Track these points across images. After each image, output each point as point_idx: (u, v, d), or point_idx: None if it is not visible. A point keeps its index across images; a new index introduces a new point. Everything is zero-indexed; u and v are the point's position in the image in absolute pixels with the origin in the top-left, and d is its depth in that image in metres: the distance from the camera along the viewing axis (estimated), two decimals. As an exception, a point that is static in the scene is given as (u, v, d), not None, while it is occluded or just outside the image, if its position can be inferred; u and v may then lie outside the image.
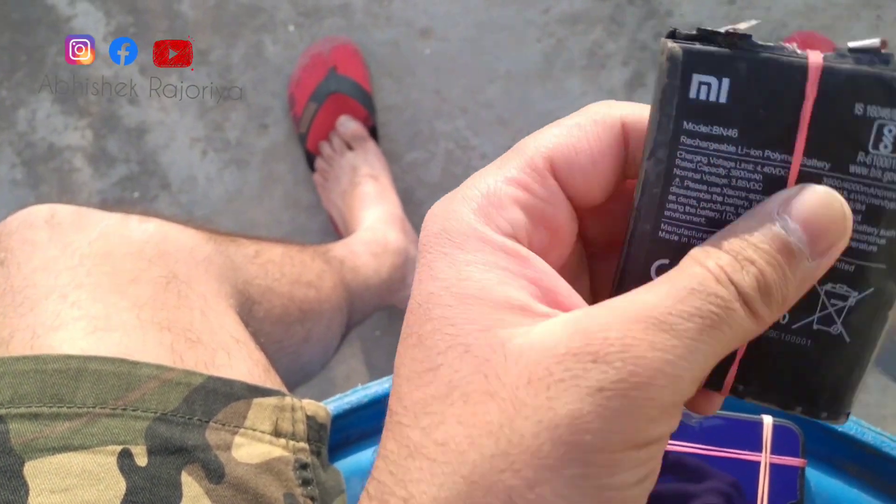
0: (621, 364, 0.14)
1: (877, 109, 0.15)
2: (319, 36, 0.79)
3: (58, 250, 0.32)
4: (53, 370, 0.27)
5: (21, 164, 0.81)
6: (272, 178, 0.79)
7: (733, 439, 0.37)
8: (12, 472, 0.25)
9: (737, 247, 0.15)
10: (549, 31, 0.78)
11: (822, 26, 0.77)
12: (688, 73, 0.15)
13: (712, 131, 0.15)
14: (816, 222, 0.15)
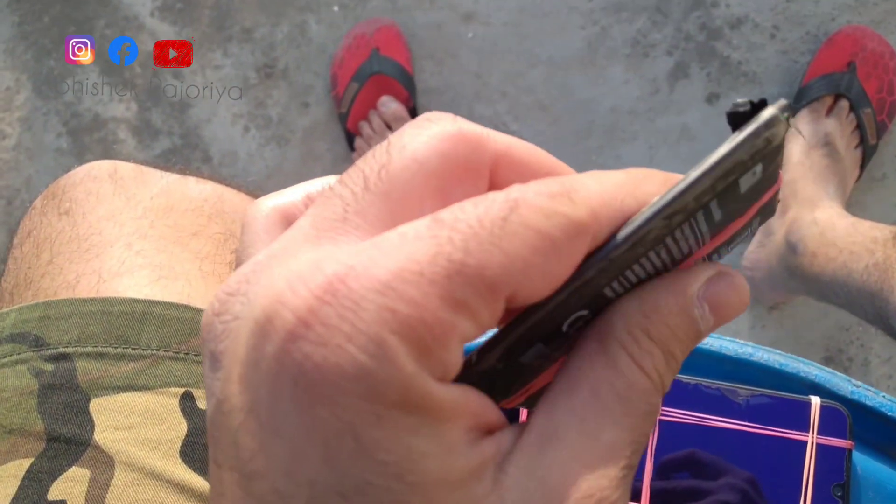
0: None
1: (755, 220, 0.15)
2: (363, 17, 0.80)
3: (122, 202, 0.33)
4: (119, 312, 0.27)
5: (67, 134, 0.83)
6: (312, 156, 0.80)
7: (780, 418, 0.37)
8: (79, 407, 0.25)
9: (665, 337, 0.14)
10: (593, 18, 0.78)
11: (872, 21, 0.76)
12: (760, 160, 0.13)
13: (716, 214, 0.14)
14: (727, 314, 0.14)
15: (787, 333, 0.76)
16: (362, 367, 0.11)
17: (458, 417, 0.12)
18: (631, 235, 0.13)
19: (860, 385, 0.38)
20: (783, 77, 0.77)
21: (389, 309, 0.11)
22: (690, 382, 0.37)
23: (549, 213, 0.12)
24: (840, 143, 0.72)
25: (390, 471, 0.11)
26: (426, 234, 0.12)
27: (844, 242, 0.60)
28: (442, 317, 0.12)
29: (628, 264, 0.14)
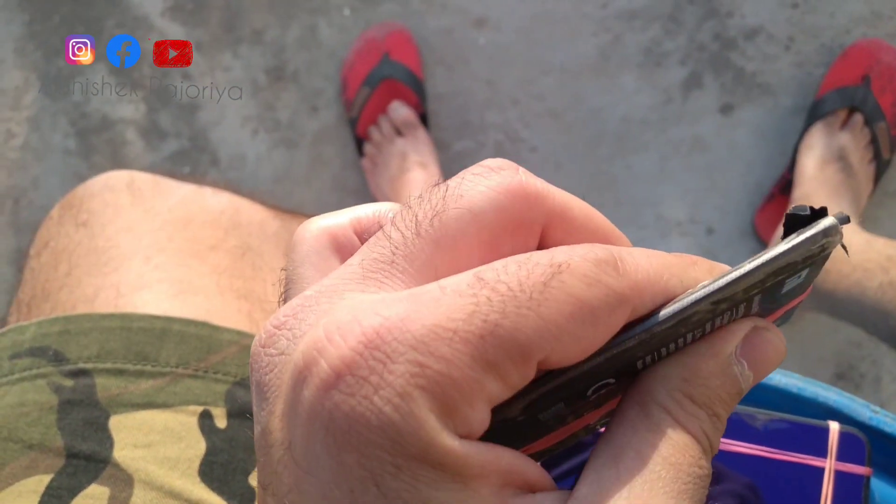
0: None
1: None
2: (374, 21, 0.79)
3: (139, 214, 0.33)
4: (139, 328, 0.27)
5: (75, 134, 0.83)
6: (321, 160, 0.80)
7: (797, 443, 0.36)
8: (98, 424, 0.25)
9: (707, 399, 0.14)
10: (605, 25, 0.78)
11: (888, 34, 0.75)
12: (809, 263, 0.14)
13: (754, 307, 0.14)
14: (765, 369, 0.14)
15: (798, 349, 0.75)
16: (386, 419, 0.11)
17: (486, 475, 0.12)
18: (677, 314, 0.14)
19: (879, 411, 0.37)
20: (797, 89, 0.76)
21: (419, 363, 0.12)
22: (707, 406, 0.37)
23: (591, 281, 0.12)
24: (854, 157, 0.71)
25: None
26: (466, 292, 0.12)
27: (858, 259, 0.60)
28: (471, 375, 0.12)
29: (666, 341, 0.14)
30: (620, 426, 0.14)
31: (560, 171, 0.78)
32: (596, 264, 0.13)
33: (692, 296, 0.14)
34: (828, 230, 0.13)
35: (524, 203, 0.14)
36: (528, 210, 0.14)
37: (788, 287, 0.14)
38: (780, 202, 0.74)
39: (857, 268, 0.59)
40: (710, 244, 0.76)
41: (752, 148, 0.76)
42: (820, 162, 0.71)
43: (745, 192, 0.76)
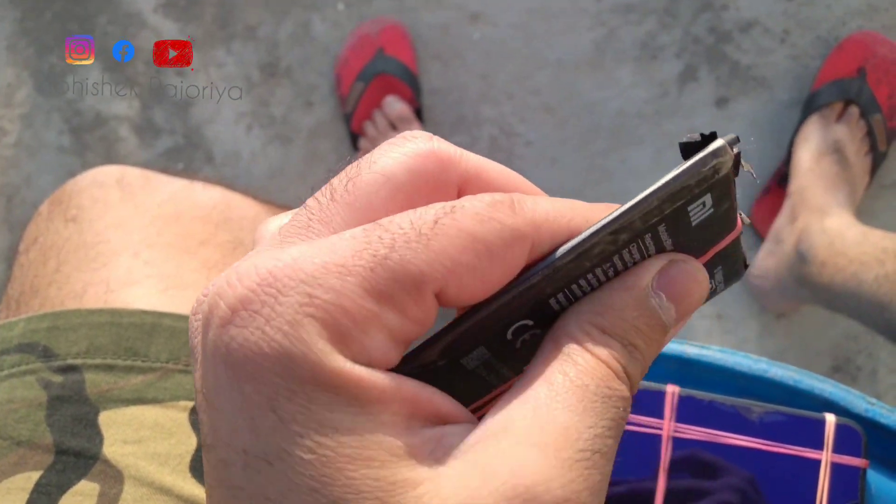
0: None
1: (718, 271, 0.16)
2: (368, 16, 0.79)
3: (129, 209, 0.32)
4: (128, 324, 0.27)
5: (69, 132, 0.82)
6: (315, 156, 0.79)
7: (794, 436, 0.36)
8: (88, 420, 0.25)
9: (621, 330, 0.14)
10: (601, 19, 0.77)
11: (883, 27, 0.75)
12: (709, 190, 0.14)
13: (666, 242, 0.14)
14: (688, 302, 0.14)
15: (795, 342, 0.75)
16: (278, 346, 0.12)
17: (385, 401, 0.13)
18: (576, 247, 0.14)
19: (875, 403, 0.37)
20: (793, 82, 0.76)
21: (309, 294, 0.12)
22: (705, 399, 0.36)
23: (483, 218, 0.13)
24: (850, 149, 0.71)
25: (304, 442, 0.12)
26: (360, 235, 0.13)
27: (854, 252, 0.60)
28: (362, 305, 0.12)
29: (573, 277, 0.14)
30: (534, 363, 0.14)
31: (555, 166, 0.78)
32: (490, 205, 0.13)
33: (590, 229, 0.14)
34: (717, 151, 0.14)
35: (437, 165, 0.14)
36: (442, 172, 0.14)
37: (698, 218, 0.14)
38: (777, 195, 0.74)
39: (854, 260, 0.59)
40: (706, 238, 0.76)
41: (747, 141, 0.76)
42: (816, 154, 0.70)
43: (741, 184, 0.76)
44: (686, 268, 0.14)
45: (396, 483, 0.12)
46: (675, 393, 0.37)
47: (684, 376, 0.39)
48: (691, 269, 0.14)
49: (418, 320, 0.13)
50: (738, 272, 0.16)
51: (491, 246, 0.13)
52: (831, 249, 0.62)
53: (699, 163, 0.14)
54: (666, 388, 0.37)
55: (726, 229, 0.15)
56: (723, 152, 0.14)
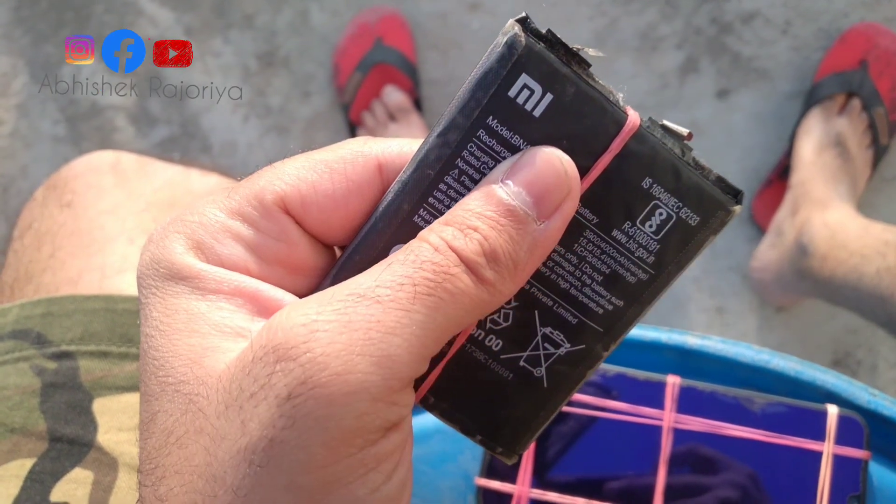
0: (307, 356, 0.13)
1: (659, 190, 0.15)
2: (367, 5, 0.78)
3: (124, 196, 0.32)
4: (123, 310, 0.27)
5: (64, 121, 0.82)
6: (313, 146, 0.79)
7: (796, 427, 0.36)
8: (82, 407, 0.25)
9: (460, 218, 0.14)
10: (601, 9, 0.77)
11: (886, 18, 0.74)
12: (518, 70, 0.14)
13: (511, 139, 0.14)
14: (538, 183, 0.14)
15: (795, 336, 0.75)
16: (150, 256, 0.16)
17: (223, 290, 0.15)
18: (415, 157, 0.15)
19: (877, 394, 0.37)
20: (795, 73, 0.75)
21: (179, 219, 0.16)
22: (706, 390, 0.36)
23: (332, 148, 0.16)
24: (852, 142, 0.71)
25: (154, 324, 0.15)
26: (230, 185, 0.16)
27: (856, 245, 0.59)
28: (214, 218, 0.16)
29: (424, 187, 0.15)
30: None
31: (556, 158, 0.77)
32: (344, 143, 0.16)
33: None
34: (506, 30, 0.14)
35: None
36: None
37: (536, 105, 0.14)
38: (778, 188, 0.74)
39: (855, 253, 0.59)
40: (706, 230, 0.76)
41: (749, 133, 0.76)
42: (817, 147, 0.70)
43: (742, 177, 0.75)
44: (535, 153, 0.14)
45: (209, 348, 0.14)
46: (676, 384, 0.36)
47: (686, 367, 0.39)
48: (543, 154, 0.14)
49: (272, 232, 0.15)
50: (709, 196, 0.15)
51: (331, 163, 0.15)
52: (832, 242, 0.62)
53: (494, 45, 0.14)
54: (667, 378, 0.36)
55: (606, 127, 0.14)
56: (509, 29, 0.14)
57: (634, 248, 0.15)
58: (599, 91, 0.15)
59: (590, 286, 0.16)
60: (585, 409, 0.36)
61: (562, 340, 0.16)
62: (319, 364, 0.13)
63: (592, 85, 0.14)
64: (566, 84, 0.14)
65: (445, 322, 0.13)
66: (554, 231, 0.14)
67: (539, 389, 0.16)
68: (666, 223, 0.15)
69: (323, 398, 0.12)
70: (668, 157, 0.15)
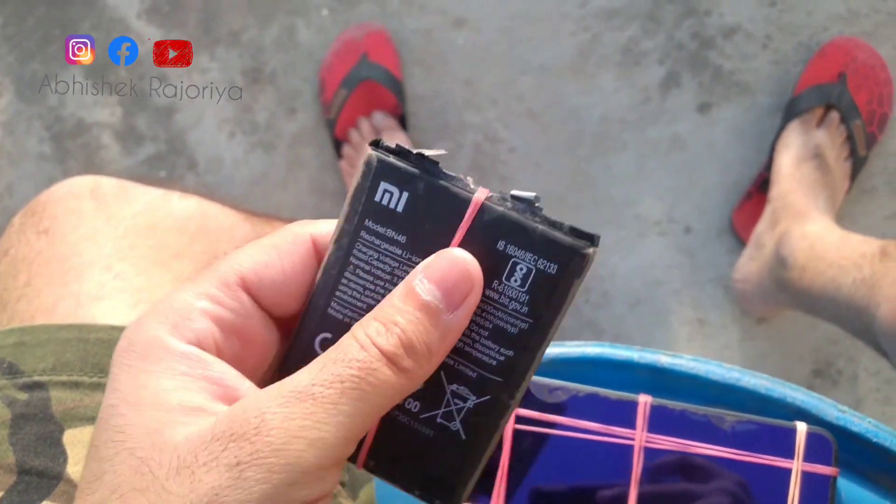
0: (256, 437, 0.16)
1: (514, 248, 0.18)
2: (353, 21, 0.79)
3: (102, 221, 0.32)
4: (96, 339, 0.27)
5: (50, 139, 0.82)
6: (298, 162, 0.79)
7: (766, 444, 0.36)
8: (52, 439, 0.25)
9: (385, 314, 0.17)
10: (584, 24, 0.78)
11: (864, 32, 0.76)
12: (377, 180, 0.18)
13: (386, 233, 0.18)
14: (447, 280, 0.17)
15: (776, 347, 0.76)
16: (129, 339, 0.18)
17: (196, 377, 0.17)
18: (322, 263, 0.18)
19: (846, 410, 0.38)
20: (774, 87, 0.76)
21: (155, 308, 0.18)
22: (677, 409, 0.36)
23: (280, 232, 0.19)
24: (830, 154, 0.71)
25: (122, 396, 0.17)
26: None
27: (834, 257, 0.60)
28: (186, 300, 0.18)
29: (331, 285, 0.18)
30: None
31: (539, 171, 0.78)
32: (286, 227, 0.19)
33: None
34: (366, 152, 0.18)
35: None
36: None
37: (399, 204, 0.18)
38: (758, 200, 0.75)
39: (833, 265, 0.59)
40: (687, 243, 0.77)
41: (729, 146, 0.76)
42: (796, 160, 0.71)
43: (722, 190, 0.76)
44: (445, 254, 0.17)
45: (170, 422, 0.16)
46: (648, 403, 0.37)
47: (658, 385, 0.40)
48: (451, 255, 0.17)
49: (232, 308, 0.18)
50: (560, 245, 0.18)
51: (278, 245, 0.18)
52: (811, 254, 0.63)
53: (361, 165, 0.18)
54: (638, 398, 0.37)
55: (456, 208, 0.18)
56: (368, 150, 0.18)
57: (508, 303, 0.18)
58: (446, 181, 0.18)
59: (479, 342, 0.18)
60: (559, 429, 0.36)
61: (468, 394, 0.18)
62: (265, 443, 0.15)
63: (440, 177, 0.18)
64: (417, 182, 0.18)
65: (370, 409, 0.16)
66: (462, 319, 0.17)
67: (459, 442, 0.19)
68: (528, 276, 0.17)
69: (264, 466, 0.15)
70: (516, 220, 0.17)
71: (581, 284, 0.17)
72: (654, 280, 0.76)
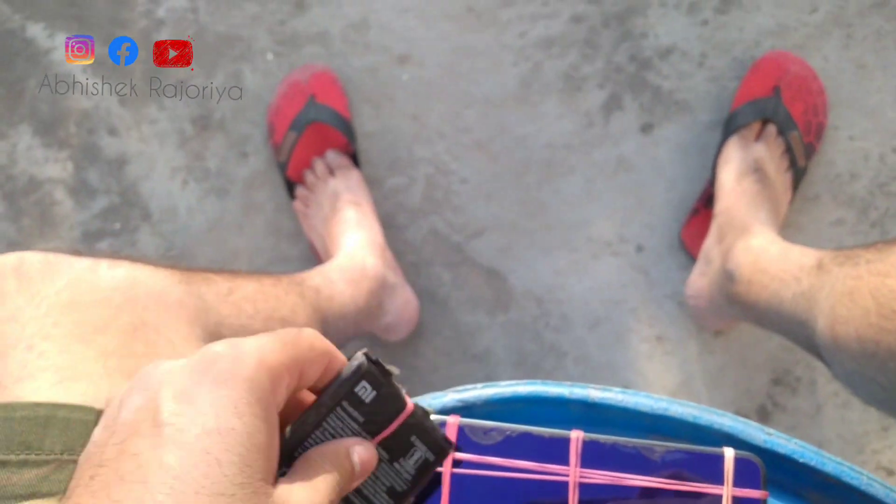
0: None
1: (418, 441, 0.28)
2: (298, 64, 0.80)
3: (24, 300, 0.32)
4: (21, 417, 0.27)
5: (2, 198, 0.82)
6: (253, 206, 0.80)
7: (695, 472, 0.37)
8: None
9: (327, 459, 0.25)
10: (525, 54, 0.79)
11: (794, 45, 0.78)
12: (360, 380, 0.27)
13: (352, 413, 0.27)
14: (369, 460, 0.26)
15: (735, 358, 0.77)
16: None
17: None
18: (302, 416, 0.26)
19: (772, 433, 0.39)
20: (713, 103, 0.78)
21: None
22: (608, 443, 0.37)
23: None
24: (770, 167, 0.73)
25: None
26: None
27: (776, 270, 0.61)
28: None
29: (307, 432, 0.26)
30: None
31: (491, 201, 0.79)
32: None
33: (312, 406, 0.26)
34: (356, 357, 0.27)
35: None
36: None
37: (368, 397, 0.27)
38: (705, 216, 0.76)
39: (775, 278, 0.61)
40: (640, 261, 0.78)
41: (674, 164, 0.78)
42: (737, 174, 0.72)
43: (670, 208, 0.78)
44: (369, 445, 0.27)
45: None
46: (580, 438, 0.37)
47: (593, 419, 0.40)
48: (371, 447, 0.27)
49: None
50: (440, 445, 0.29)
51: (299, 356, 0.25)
52: (755, 267, 0.64)
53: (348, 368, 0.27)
54: (570, 434, 0.37)
55: (397, 408, 0.27)
56: (358, 359, 0.27)
57: (403, 472, 0.28)
58: (398, 390, 0.27)
59: (377, 494, 0.28)
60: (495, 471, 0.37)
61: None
62: None
63: (395, 386, 0.27)
64: (382, 386, 0.27)
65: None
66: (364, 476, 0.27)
67: None
68: (419, 459, 0.28)
69: None
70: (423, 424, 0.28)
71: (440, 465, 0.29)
72: (611, 300, 0.77)
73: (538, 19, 0.79)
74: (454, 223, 0.79)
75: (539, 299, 0.77)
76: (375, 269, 0.68)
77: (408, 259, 0.78)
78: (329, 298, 0.58)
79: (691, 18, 0.78)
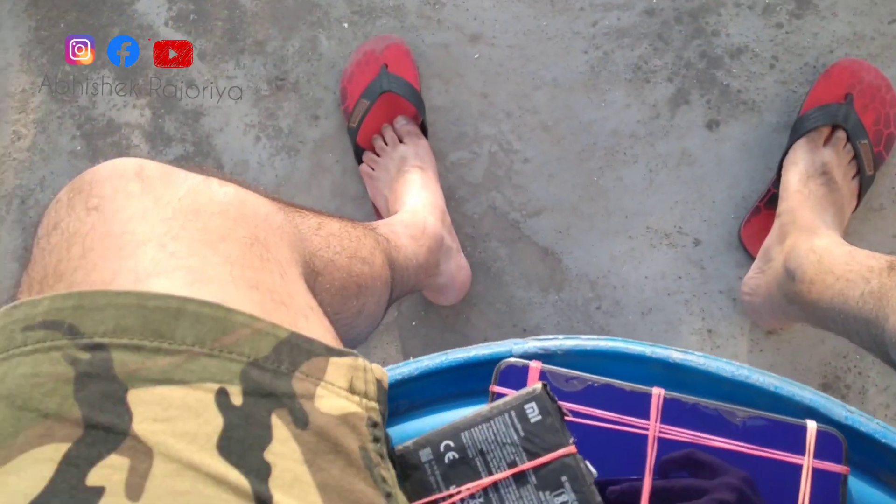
0: None
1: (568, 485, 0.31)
2: (372, 34, 0.82)
3: (150, 202, 0.32)
4: (154, 307, 0.27)
5: (81, 137, 0.84)
6: (321, 167, 0.82)
7: (776, 441, 0.37)
8: (116, 397, 0.25)
9: None
10: (595, 43, 0.80)
11: (869, 55, 0.78)
12: (532, 401, 0.31)
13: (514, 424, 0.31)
14: None
15: (785, 359, 0.77)
16: None
17: None
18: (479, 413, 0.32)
19: (854, 411, 0.39)
20: (781, 106, 0.79)
21: None
22: (689, 402, 0.38)
23: None
24: (837, 172, 0.73)
25: None
26: None
27: (841, 270, 0.61)
28: None
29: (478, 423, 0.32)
30: None
31: (553, 182, 0.80)
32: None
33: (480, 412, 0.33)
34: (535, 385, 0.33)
35: None
36: None
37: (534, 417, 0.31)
38: (766, 216, 0.76)
39: (840, 278, 0.60)
40: (697, 255, 0.78)
41: (737, 162, 0.78)
42: (804, 177, 0.72)
43: (731, 205, 0.78)
44: None
45: None
46: (661, 395, 0.38)
47: (671, 380, 0.41)
48: None
49: None
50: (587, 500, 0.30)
51: None
52: (819, 267, 0.64)
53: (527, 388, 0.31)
54: (652, 390, 0.38)
55: (557, 443, 0.30)
56: (538, 385, 0.31)
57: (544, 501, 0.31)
58: (562, 426, 0.31)
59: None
60: (576, 417, 0.38)
61: None
62: None
63: (561, 423, 0.31)
64: (548, 415, 0.31)
65: None
66: None
67: None
68: (565, 503, 0.30)
69: None
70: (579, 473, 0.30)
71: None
72: (665, 290, 0.78)
73: (611, 9, 0.80)
74: (514, 201, 0.80)
75: (593, 282, 0.78)
76: (435, 229, 0.69)
77: (465, 231, 0.79)
78: (396, 248, 0.59)
79: (765, 20, 0.79)
